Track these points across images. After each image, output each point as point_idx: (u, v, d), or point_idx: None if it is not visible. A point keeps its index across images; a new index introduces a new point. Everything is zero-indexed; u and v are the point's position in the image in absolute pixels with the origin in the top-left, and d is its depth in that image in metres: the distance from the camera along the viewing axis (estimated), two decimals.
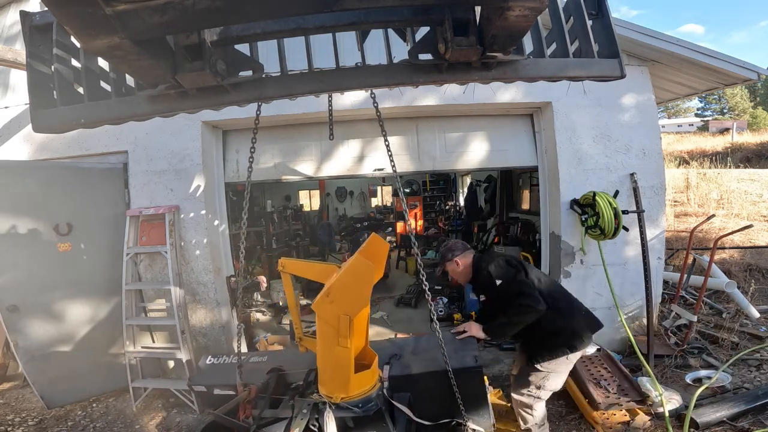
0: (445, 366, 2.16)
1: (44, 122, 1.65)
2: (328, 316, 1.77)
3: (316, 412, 1.94)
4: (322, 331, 1.84)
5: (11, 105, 4.27)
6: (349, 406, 1.93)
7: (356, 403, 1.94)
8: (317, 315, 1.82)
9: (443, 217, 11.37)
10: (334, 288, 1.74)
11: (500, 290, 2.55)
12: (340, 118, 3.92)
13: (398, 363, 2.47)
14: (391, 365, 2.41)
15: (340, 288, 1.75)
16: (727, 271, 5.62)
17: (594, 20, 1.69)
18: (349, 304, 1.75)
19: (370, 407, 1.98)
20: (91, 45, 1.11)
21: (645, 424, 3.04)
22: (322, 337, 1.86)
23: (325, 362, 1.95)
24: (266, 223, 8.56)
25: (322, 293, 1.77)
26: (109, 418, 3.73)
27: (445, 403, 2.25)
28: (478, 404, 2.39)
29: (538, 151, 4.43)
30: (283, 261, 2.40)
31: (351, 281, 1.75)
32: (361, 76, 1.69)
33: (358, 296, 1.77)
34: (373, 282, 1.78)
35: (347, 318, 1.73)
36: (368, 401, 1.98)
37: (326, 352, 1.90)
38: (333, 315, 1.75)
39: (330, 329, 1.78)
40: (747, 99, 39.40)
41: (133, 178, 4.13)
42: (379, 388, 2.07)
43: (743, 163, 16.37)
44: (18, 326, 3.60)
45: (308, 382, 2.22)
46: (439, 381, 2.24)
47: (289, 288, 2.46)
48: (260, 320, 6.08)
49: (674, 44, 3.83)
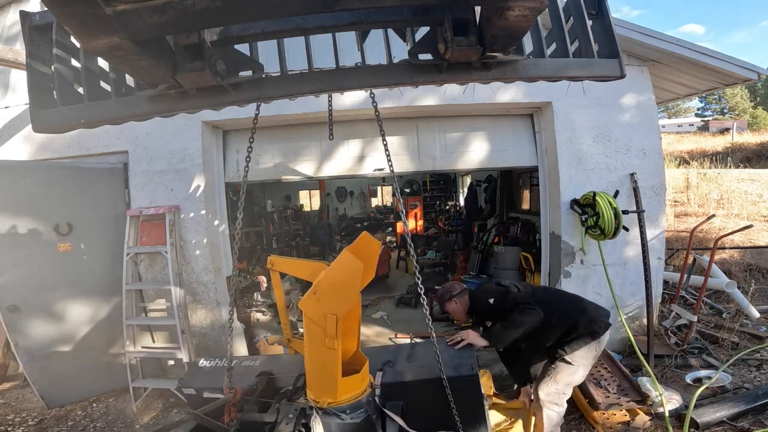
0: (439, 373, 2.06)
1: (44, 122, 1.65)
2: (314, 315, 1.72)
3: (303, 417, 1.86)
4: (309, 330, 1.78)
5: (11, 105, 4.27)
6: (336, 412, 1.85)
7: (344, 408, 1.86)
8: (304, 314, 1.76)
9: (443, 217, 11.37)
10: (320, 285, 1.70)
11: (495, 307, 2.72)
12: (340, 118, 3.92)
13: (391, 370, 2.36)
14: (384, 372, 2.30)
15: (327, 285, 1.71)
16: (727, 271, 5.62)
17: (594, 20, 1.68)
18: (335, 303, 1.70)
19: (359, 414, 1.90)
20: (91, 45, 1.11)
21: (645, 424, 3.04)
22: (309, 337, 1.80)
23: (312, 364, 1.88)
24: (266, 223, 8.57)
25: (310, 291, 1.73)
26: (109, 418, 3.73)
27: (440, 413, 2.14)
28: (474, 415, 2.28)
29: (538, 151, 4.43)
30: (272, 259, 2.37)
31: (337, 278, 1.71)
32: (361, 76, 1.69)
33: (345, 294, 1.72)
34: (361, 281, 1.73)
35: (334, 317, 1.67)
36: (357, 407, 1.90)
37: (313, 353, 1.83)
38: (320, 314, 1.70)
39: (317, 329, 1.72)
40: (747, 99, 39.37)
41: (134, 178, 4.13)
42: (369, 394, 2.00)
43: (743, 163, 16.36)
44: (18, 326, 3.60)
45: (297, 387, 2.14)
46: (434, 390, 2.14)
47: (278, 286, 2.43)
48: (260, 320, 6.08)
49: (674, 44, 3.83)
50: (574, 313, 2.71)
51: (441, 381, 2.07)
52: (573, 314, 2.71)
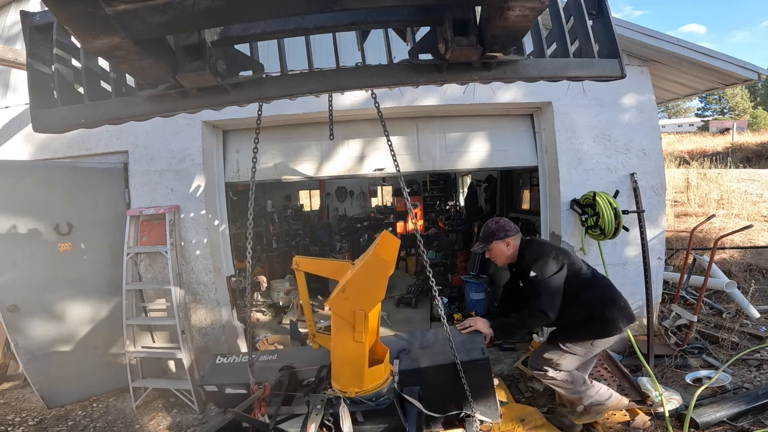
0: (453, 359, 2.19)
1: (44, 122, 1.65)
2: (343, 312, 1.84)
3: (330, 407, 1.97)
4: (337, 326, 1.90)
5: (11, 105, 4.27)
6: (363, 400, 1.97)
7: (370, 397, 1.98)
8: (332, 311, 1.88)
9: (443, 217, 11.37)
10: (350, 284, 1.80)
11: (531, 281, 2.63)
12: (340, 118, 3.93)
13: (407, 357, 2.49)
14: (400, 359, 2.44)
15: (356, 284, 1.80)
16: (727, 271, 5.62)
17: (594, 20, 1.69)
18: (364, 300, 1.81)
19: (383, 401, 2.02)
20: (91, 45, 1.11)
21: (645, 424, 3.04)
22: (337, 332, 1.92)
23: (340, 357, 1.99)
24: (266, 223, 8.56)
25: (338, 290, 1.83)
26: (109, 418, 3.73)
27: (454, 395, 2.28)
28: (485, 396, 2.41)
29: (539, 151, 4.43)
30: (297, 259, 2.42)
31: (367, 277, 1.81)
32: (361, 76, 1.69)
33: (374, 292, 1.83)
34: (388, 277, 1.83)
35: (362, 313, 1.78)
36: (380, 395, 2.02)
37: (341, 348, 1.95)
38: (348, 311, 1.81)
39: (345, 324, 1.83)
40: (747, 99, 39.39)
41: (134, 177, 4.13)
42: (391, 381, 2.11)
43: (743, 163, 16.37)
44: (18, 326, 3.60)
45: (320, 379, 2.25)
46: (448, 374, 2.27)
47: (303, 286, 2.48)
48: (260, 320, 6.08)
49: (674, 44, 3.83)
50: (603, 308, 2.69)
51: (454, 365, 2.19)
52: (601, 309, 2.69)
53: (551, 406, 3.36)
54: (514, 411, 3.08)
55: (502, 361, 4.29)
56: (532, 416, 3.05)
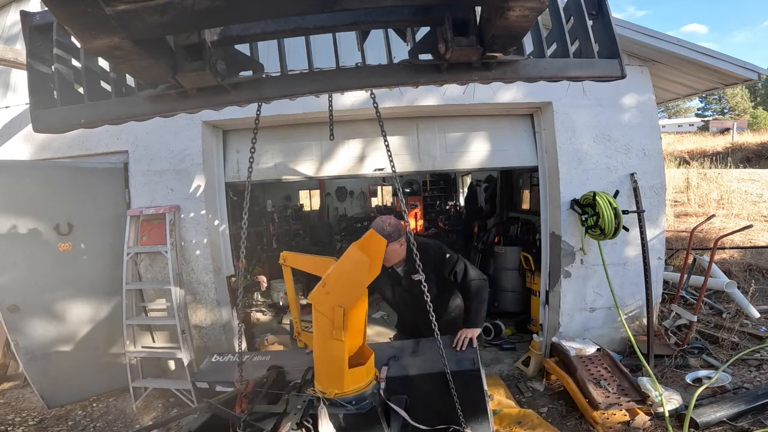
0: (443, 368, 2.14)
1: (44, 122, 1.65)
2: (323, 308, 1.81)
3: (311, 408, 1.94)
4: (318, 323, 1.87)
5: (11, 105, 4.27)
6: (342, 402, 1.92)
7: (350, 399, 1.93)
8: (314, 307, 1.86)
9: (443, 217, 11.37)
10: (329, 278, 1.78)
11: (447, 261, 2.71)
12: (340, 118, 3.92)
13: (396, 364, 2.44)
14: (389, 366, 2.39)
15: (335, 278, 1.78)
16: (727, 271, 5.62)
17: (594, 20, 1.68)
18: (343, 295, 1.78)
19: (364, 405, 1.96)
20: (91, 45, 1.11)
21: (645, 424, 3.04)
22: (318, 329, 1.89)
23: (321, 355, 1.97)
24: (266, 223, 8.56)
25: (319, 284, 1.81)
26: (109, 418, 3.74)
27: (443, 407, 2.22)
28: (476, 410, 2.32)
29: (539, 151, 4.43)
30: (284, 254, 2.44)
31: (345, 272, 1.79)
32: (361, 76, 1.69)
33: (352, 287, 1.79)
34: (369, 276, 1.79)
35: (341, 309, 1.76)
36: (362, 399, 1.97)
37: (321, 345, 1.92)
38: (328, 306, 1.79)
39: (326, 321, 1.81)
40: (747, 99, 39.41)
41: (134, 177, 4.13)
42: (374, 386, 2.06)
43: (743, 163, 16.37)
44: (18, 326, 3.61)
45: (306, 380, 2.22)
46: (437, 384, 2.22)
47: (290, 282, 2.49)
48: (260, 320, 6.08)
49: (674, 44, 3.83)
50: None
51: (444, 375, 2.14)
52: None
53: (551, 406, 3.36)
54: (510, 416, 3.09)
55: (502, 361, 4.29)
56: (528, 417, 3.06)
